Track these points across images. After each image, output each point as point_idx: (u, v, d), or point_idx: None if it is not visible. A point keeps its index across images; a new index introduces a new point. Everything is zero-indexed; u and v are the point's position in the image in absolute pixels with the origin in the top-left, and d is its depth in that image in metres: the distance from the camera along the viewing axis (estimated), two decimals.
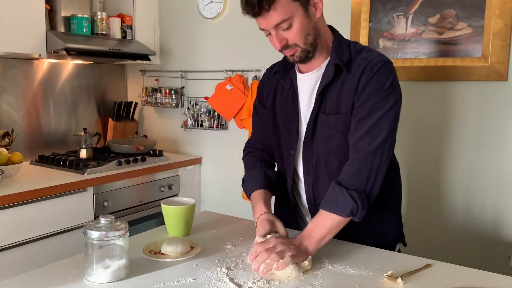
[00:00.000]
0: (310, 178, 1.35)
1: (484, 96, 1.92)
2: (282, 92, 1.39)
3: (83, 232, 1.06)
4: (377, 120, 1.20)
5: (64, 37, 2.31)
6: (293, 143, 1.36)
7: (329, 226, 1.18)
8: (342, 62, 1.24)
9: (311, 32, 1.22)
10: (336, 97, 1.26)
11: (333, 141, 1.28)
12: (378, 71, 1.21)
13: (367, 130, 1.20)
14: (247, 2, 1.17)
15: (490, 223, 1.95)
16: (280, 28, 1.19)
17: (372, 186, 1.20)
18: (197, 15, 2.72)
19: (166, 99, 2.85)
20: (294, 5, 1.17)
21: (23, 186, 1.97)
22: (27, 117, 2.56)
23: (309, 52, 1.24)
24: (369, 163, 1.19)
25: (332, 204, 1.18)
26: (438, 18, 1.98)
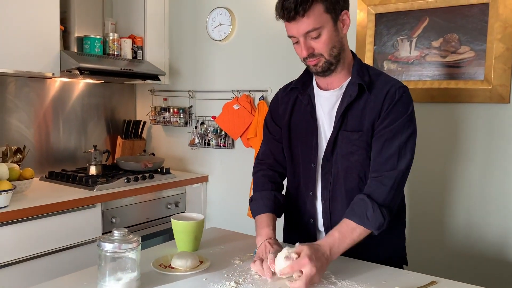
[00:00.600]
0: (327, 193, 1.39)
1: (487, 118, 1.96)
2: (299, 107, 1.44)
3: (97, 244, 1.09)
4: (404, 142, 1.28)
5: (77, 57, 2.38)
6: (313, 157, 1.40)
7: (355, 238, 1.23)
8: (364, 82, 1.31)
9: (336, 45, 1.29)
10: (358, 115, 1.32)
11: (354, 157, 1.33)
12: (402, 96, 1.30)
13: (394, 151, 1.27)
14: (283, 6, 1.23)
15: (493, 243, 1.96)
16: (309, 36, 1.25)
17: (395, 203, 1.28)
18: (206, 37, 2.79)
19: (174, 118, 2.91)
20: (325, 17, 1.24)
21: (34, 201, 2.01)
22: (38, 134, 2.62)
23: (332, 64, 1.30)
24: (397, 182, 1.27)
25: (361, 217, 1.23)
26: (441, 41, 2.03)
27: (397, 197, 1.28)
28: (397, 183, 1.27)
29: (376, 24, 2.19)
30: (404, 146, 1.28)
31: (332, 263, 1.29)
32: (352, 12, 2.21)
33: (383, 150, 1.28)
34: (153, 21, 2.87)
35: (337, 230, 1.23)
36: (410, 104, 1.31)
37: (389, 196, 1.25)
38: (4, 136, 2.43)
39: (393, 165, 1.27)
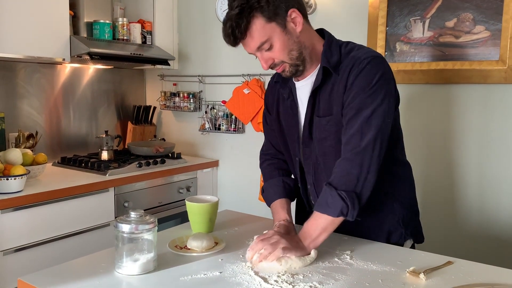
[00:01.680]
0: (310, 177, 1.39)
1: (502, 99, 1.93)
2: (283, 100, 1.42)
3: (114, 226, 1.10)
4: (366, 118, 1.19)
5: (87, 41, 2.38)
6: (297, 150, 1.40)
7: (323, 226, 1.19)
8: (330, 64, 1.25)
9: (294, 47, 1.23)
10: (327, 99, 1.28)
11: (328, 143, 1.30)
12: (364, 68, 1.21)
13: (356, 129, 1.19)
14: (224, 34, 1.22)
15: (506, 223, 1.95)
16: (262, 49, 1.22)
17: (362, 185, 1.18)
18: (215, 20, 2.77)
19: (184, 103, 2.90)
20: (269, 26, 1.19)
21: (47, 186, 2.03)
22: (50, 120, 2.63)
23: (298, 65, 1.26)
24: (359, 163, 1.18)
25: (323, 205, 1.19)
26: (455, 22, 2.00)
27: (363, 179, 1.18)
28: (359, 165, 1.18)
29: (388, 4, 2.15)
30: (367, 121, 1.18)
31: (347, 244, 1.30)
32: None
33: (346, 131, 1.22)
34: (162, 6, 2.85)
35: (306, 222, 1.23)
36: (376, 74, 1.20)
37: (349, 179, 1.18)
38: (16, 122, 2.45)
39: (354, 144, 1.19)
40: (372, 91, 1.20)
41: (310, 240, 1.19)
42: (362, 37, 2.22)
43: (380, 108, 1.19)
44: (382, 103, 1.20)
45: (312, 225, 1.21)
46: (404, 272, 1.11)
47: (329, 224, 1.19)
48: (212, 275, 1.09)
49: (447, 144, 2.07)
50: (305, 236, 1.20)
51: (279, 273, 1.10)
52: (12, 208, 1.85)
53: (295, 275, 1.09)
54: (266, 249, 1.13)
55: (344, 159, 1.21)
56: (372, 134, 1.18)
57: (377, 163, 1.20)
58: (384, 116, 1.20)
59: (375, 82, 1.20)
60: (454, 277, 1.09)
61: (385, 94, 1.21)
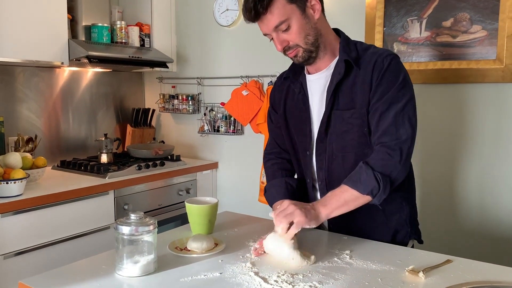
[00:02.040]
0: (322, 174, 1.38)
1: (499, 98, 1.94)
2: (293, 96, 1.43)
3: (114, 228, 1.11)
4: (400, 111, 1.23)
5: (85, 45, 2.38)
6: (307, 144, 1.40)
7: (346, 199, 1.21)
8: (351, 58, 1.29)
9: (311, 32, 1.27)
10: (348, 93, 1.30)
11: (349, 136, 1.31)
12: (390, 64, 1.25)
13: (391, 122, 1.23)
14: (245, 8, 1.23)
15: (506, 222, 1.95)
16: (280, 30, 1.24)
17: (397, 173, 1.22)
18: (213, 23, 2.78)
19: (183, 105, 2.91)
20: (290, 7, 1.22)
21: (47, 189, 2.03)
22: (49, 124, 2.63)
23: (311, 51, 1.29)
24: (398, 152, 1.22)
25: (355, 181, 1.21)
26: (452, 21, 2.01)
27: (400, 168, 1.22)
28: (399, 153, 1.22)
29: (385, 5, 2.16)
30: (401, 114, 1.23)
31: (347, 244, 1.30)
32: None
33: (379, 124, 1.25)
34: (160, 8, 2.86)
35: (331, 192, 1.24)
36: (401, 71, 1.26)
37: (388, 164, 1.21)
38: (15, 126, 2.45)
39: (392, 136, 1.23)
40: (401, 86, 1.24)
41: (327, 208, 1.20)
42: (359, 37, 2.22)
43: (410, 103, 1.25)
44: (411, 99, 1.26)
45: (336, 195, 1.22)
46: (403, 271, 1.11)
47: (353, 199, 1.21)
48: (212, 276, 1.09)
49: (445, 143, 2.07)
50: (325, 202, 1.21)
51: (278, 273, 1.10)
52: (12, 212, 1.86)
53: (294, 275, 1.09)
54: (281, 222, 1.16)
55: (384, 146, 1.23)
56: (407, 126, 1.23)
57: (410, 157, 1.25)
58: (414, 110, 1.27)
59: (402, 79, 1.25)
60: (453, 276, 1.09)
61: (411, 91, 1.27)
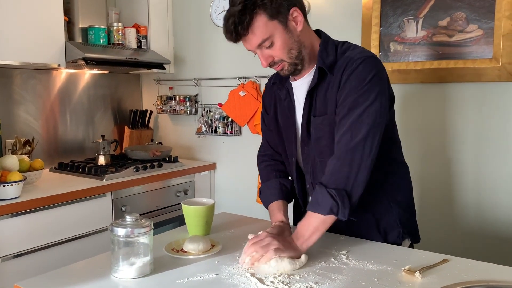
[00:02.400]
0: (309, 177, 1.39)
1: (496, 96, 1.94)
2: (280, 102, 1.43)
3: (110, 230, 1.10)
4: (357, 116, 1.19)
5: (82, 47, 2.38)
6: (293, 151, 1.40)
7: (315, 225, 1.19)
8: (325, 65, 1.26)
9: (294, 46, 1.24)
10: (323, 99, 1.29)
11: (323, 142, 1.30)
12: (357, 67, 1.21)
13: (347, 128, 1.19)
14: (226, 29, 1.21)
15: (503, 221, 1.96)
16: (263, 47, 1.22)
17: (353, 183, 1.17)
18: (210, 24, 2.78)
19: (181, 106, 2.91)
20: (272, 24, 1.20)
21: (44, 191, 2.03)
22: (46, 126, 2.63)
23: (296, 64, 1.27)
24: (348, 161, 1.18)
25: (314, 204, 1.20)
26: (448, 21, 2.01)
27: (354, 177, 1.17)
28: (349, 163, 1.17)
29: (382, 5, 2.16)
30: (357, 120, 1.18)
31: (343, 244, 1.30)
32: None
33: (338, 129, 1.22)
34: (157, 10, 2.85)
35: (300, 222, 1.23)
36: (370, 73, 1.20)
37: (339, 177, 1.17)
38: (12, 128, 2.45)
39: (346, 143, 1.19)
40: (364, 90, 1.19)
41: (302, 240, 1.19)
42: (356, 37, 2.23)
43: (372, 107, 1.19)
44: (374, 102, 1.19)
45: (304, 225, 1.21)
46: (399, 271, 1.11)
47: (320, 223, 1.19)
48: (208, 277, 1.09)
49: (443, 143, 2.07)
50: (297, 236, 1.20)
51: (275, 274, 1.10)
52: (9, 214, 1.85)
53: (291, 275, 1.09)
54: (257, 251, 1.14)
55: (335, 157, 1.21)
56: (363, 133, 1.18)
57: (368, 162, 1.19)
58: (375, 115, 1.19)
59: (367, 81, 1.20)
60: (450, 275, 1.09)
61: (378, 93, 1.20)
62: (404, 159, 1.45)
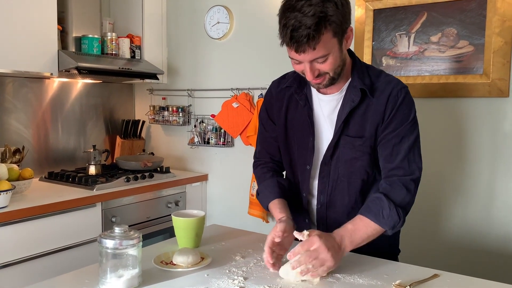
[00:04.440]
0: (324, 197, 1.37)
1: (486, 112, 1.95)
2: (296, 108, 1.40)
3: (98, 241, 1.09)
4: (411, 145, 1.28)
5: (75, 56, 2.38)
6: (308, 159, 1.38)
7: (369, 234, 1.22)
8: (366, 86, 1.28)
9: (341, 64, 1.24)
10: (359, 120, 1.30)
11: (358, 163, 1.32)
12: (405, 98, 1.28)
13: (404, 156, 1.27)
14: (292, 37, 1.13)
15: (494, 236, 1.96)
16: (316, 61, 1.19)
17: (410, 207, 1.28)
18: (204, 35, 2.79)
19: (173, 117, 2.90)
20: (332, 42, 1.17)
21: (33, 201, 2.01)
22: (37, 135, 2.61)
23: (334, 79, 1.26)
24: (413, 186, 1.27)
25: (377, 214, 1.22)
26: (440, 36, 2.03)
27: (412, 201, 1.28)
28: (413, 187, 1.27)
29: (374, 20, 2.18)
30: (413, 149, 1.28)
31: None
32: None
33: (392, 155, 1.28)
34: (151, 20, 2.86)
35: (351, 223, 1.23)
36: (413, 106, 1.30)
37: (405, 198, 1.25)
38: (3, 137, 2.43)
39: (406, 169, 1.27)
40: (413, 122, 1.30)
41: (355, 243, 1.21)
42: None
43: (419, 138, 1.31)
44: (418, 134, 1.31)
45: (361, 230, 1.22)
46: (390, 286, 1.11)
47: (375, 234, 1.23)
48: None
49: (432, 157, 2.08)
50: (352, 237, 1.20)
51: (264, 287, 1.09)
52: None
53: None
54: (314, 266, 1.12)
55: (400, 180, 1.27)
56: (418, 161, 1.30)
57: (417, 189, 1.30)
58: (420, 145, 1.32)
59: (414, 114, 1.30)
60: None
61: (418, 125, 1.32)
62: None
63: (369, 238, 1.22)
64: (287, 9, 1.15)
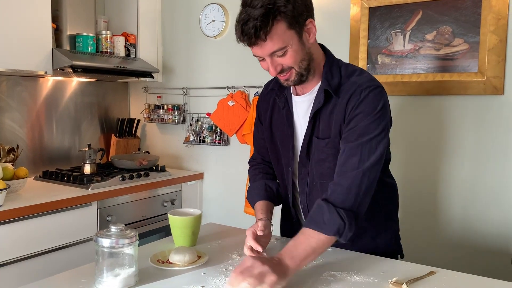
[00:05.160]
0: (304, 198, 1.38)
1: (481, 110, 1.96)
2: (278, 110, 1.41)
3: (94, 240, 1.08)
4: (367, 142, 1.19)
5: (70, 54, 2.36)
6: (290, 160, 1.38)
7: (314, 246, 1.12)
8: (331, 87, 1.25)
9: (305, 57, 1.22)
10: (327, 121, 1.27)
11: (326, 164, 1.29)
12: (368, 95, 1.21)
13: (355, 152, 1.19)
14: (242, 31, 1.15)
15: (489, 233, 1.97)
16: (275, 55, 1.19)
17: (359, 206, 1.17)
18: (199, 33, 2.78)
19: (169, 115, 2.89)
20: (289, 34, 1.16)
21: (28, 200, 1.99)
22: (32, 134, 2.59)
23: (302, 75, 1.24)
24: (358, 183, 1.17)
25: (318, 222, 1.14)
26: (435, 34, 2.04)
27: (361, 199, 1.17)
28: (358, 184, 1.16)
29: (370, 18, 2.19)
30: (367, 146, 1.18)
31: (331, 256, 1.29)
32: (346, 6, 2.24)
33: (344, 152, 1.21)
34: (146, 18, 2.85)
35: (292, 240, 1.14)
36: (378, 104, 1.21)
37: (349, 197, 1.15)
38: None
39: (354, 166, 1.18)
40: (375, 118, 1.20)
41: (297, 260, 1.09)
42: (344, 50, 2.25)
43: (380, 136, 1.20)
44: (383, 132, 1.21)
45: (302, 244, 1.12)
46: (387, 283, 1.11)
47: (321, 244, 1.13)
48: None
49: (428, 155, 2.09)
50: (292, 255, 1.10)
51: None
52: None
53: None
54: (250, 284, 1.00)
55: (343, 178, 1.18)
56: (373, 158, 1.18)
57: (373, 187, 1.20)
58: (384, 143, 1.22)
59: (377, 111, 1.20)
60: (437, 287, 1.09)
61: (386, 125, 1.23)
62: (393, 177, 1.47)
63: (316, 250, 1.12)
64: (242, 5, 1.17)
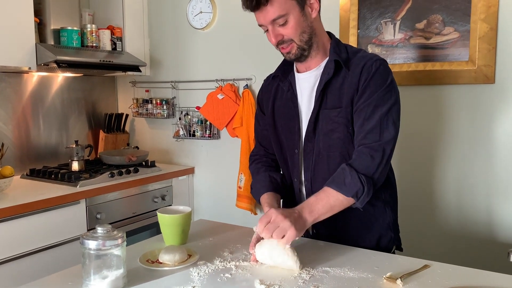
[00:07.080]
0: (308, 173, 1.38)
1: (472, 99, 1.95)
2: (281, 95, 1.44)
3: (80, 242, 1.05)
4: (385, 113, 1.24)
5: (54, 49, 2.30)
6: (296, 142, 1.39)
7: (332, 203, 1.20)
8: (341, 59, 1.30)
9: (306, 30, 1.28)
10: (336, 93, 1.31)
11: (335, 135, 1.31)
12: (379, 68, 1.27)
13: (375, 124, 1.24)
14: None
15: (483, 223, 1.97)
16: (277, 23, 1.25)
17: (379, 175, 1.24)
18: (186, 25, 2.73)
19: (157, 109, 2.85)
20: (290, 3, 1.23)
21: (14, 200, 1.95)
22: (17, 131, 2.54)
23: (304, 49, 1.30)
24: (380, 153, 1.23)
25: (339, 183, 1.21)
26: (425, 23, 2.01)
27: (381, 169, 1.24)
28: (381, 155, 1.23)
29: (359, 7, 2.16)
30: (386, 117, 1.25)
31: (324, 251, 1.27)
32: None
33: (364, 124, 1.26)
34: (132, 11, 2.79)
35: (314, 196, 1.23)
36: (389, 76, 1.28)
37: (371, 166, 1.22)
38: None
39: (375, 137, 1.24)
40: (387, 90, 1.26)
41: (315, 214, 1.19)
42: None
43: (395, 106, 1.27)
44: (396, 102, 1.27)
45: (322, 200, 1.21)
46: (381, 279, 1.09)
47: (339, 203, 1.21)
48: None
49: (421, 145, 2.08)
50: (311, 208, 1.19)
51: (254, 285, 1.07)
52: None
53: (270, 286, 1.06)
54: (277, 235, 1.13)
55: (366, 148, 1.23)
56: (391, 129, 1.25)
57: (390, 158, 1.26)
58: (398, 113, 1.28)
59: (388, 83, 1.27)
60: (431, 281, 1.08)
61: (397, 95, 1.29)
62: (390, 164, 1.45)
63: (333, 208, 1.21)
64: None
